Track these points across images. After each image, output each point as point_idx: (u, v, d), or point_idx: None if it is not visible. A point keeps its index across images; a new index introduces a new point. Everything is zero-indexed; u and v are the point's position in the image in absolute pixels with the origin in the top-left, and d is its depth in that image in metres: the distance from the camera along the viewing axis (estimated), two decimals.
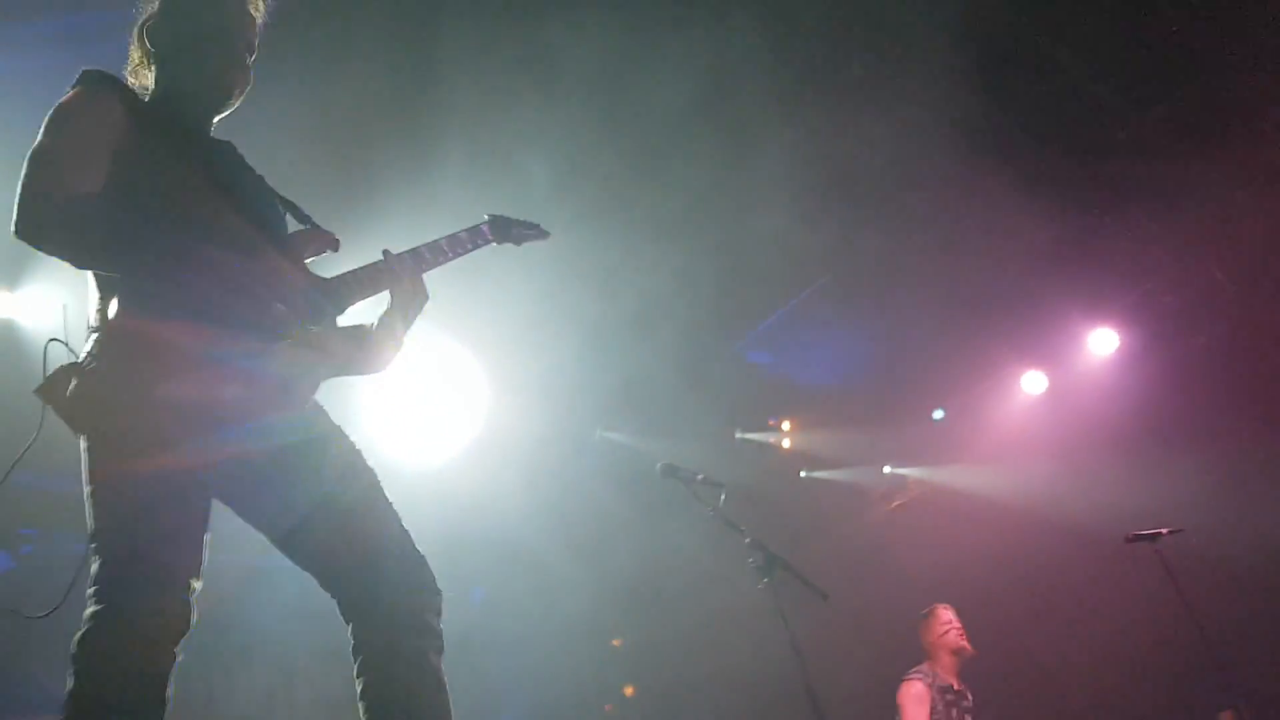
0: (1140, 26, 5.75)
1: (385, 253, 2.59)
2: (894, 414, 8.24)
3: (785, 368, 7.98)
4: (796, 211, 6.27)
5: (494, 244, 2.93)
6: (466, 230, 2.81)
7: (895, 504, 8.60)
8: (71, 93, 2.31)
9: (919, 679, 5.69)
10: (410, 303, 2.54)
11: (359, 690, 2.27)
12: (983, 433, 8.29)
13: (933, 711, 5.55)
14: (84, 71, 2.37)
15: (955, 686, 5.77)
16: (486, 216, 2.90)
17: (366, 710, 2.25)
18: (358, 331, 2.45)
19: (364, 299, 2.54)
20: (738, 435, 8.13)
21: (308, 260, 2.55)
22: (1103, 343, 7.85)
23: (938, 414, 8.41)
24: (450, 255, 2.73)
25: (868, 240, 6.81)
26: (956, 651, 5.81)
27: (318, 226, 2.56)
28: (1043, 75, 6.01)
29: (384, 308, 2.54)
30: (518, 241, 3.03)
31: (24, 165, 2.16)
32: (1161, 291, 7.53)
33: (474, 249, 2.81)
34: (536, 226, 3.05)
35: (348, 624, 2.33)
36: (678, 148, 5.69)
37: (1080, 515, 7.20)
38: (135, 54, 2.56)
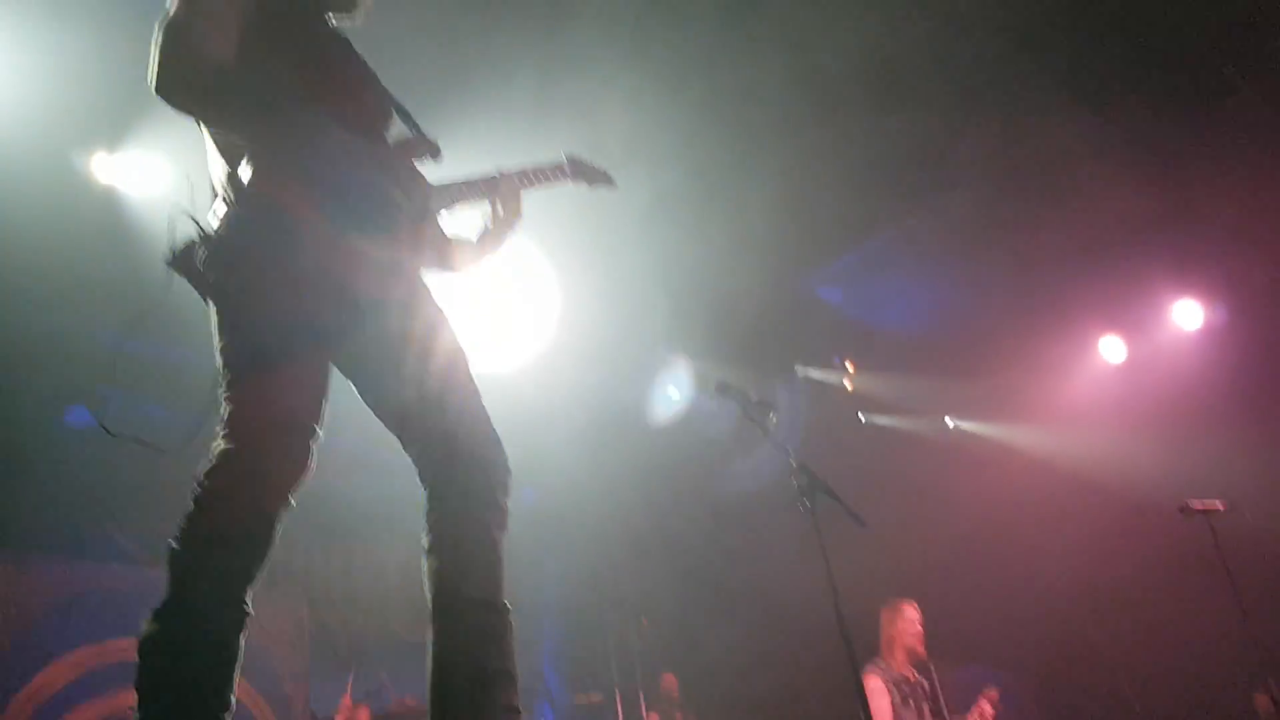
0: None
1: (499, 171, 2.73)
2: (962, 366, 8.14)
3: (857, 308, 7.90)
4: (887, 151, 6.19)
5: (569, 182, 3.07)
6: (549, 164, 2.96)
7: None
8: None
9: (875, 673, 5.71)
10: (512, 218, 2.70)
11: (424, 545, 2.41)
12: (1051, 394, 8.16)
13: (894, 707, 5.61)
14: None
15: (911, 678, 5.82)
16: (565, 155, 3.03)
17: (429, 567, 2.39)
18: (453, 237, 2.62)
19: (462, 204, 2.68)
20: (799, 370, 8.11)
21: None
22: (1187, 314, 7.64)
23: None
24: (535, 184, 2.87)
25: (956, 186, 6.69)
26: (911, 651, 5.86)
27: (423, 134, 2.62)
28: (1153, 35, 5.79)
29: (486, 216, 2.70)
30: (590, 183, 3.16)
31: (158, 31, 2.24)
32: (1254, 266, 7.27)
33: (553, 182, 2.96)
34: (606, 174, 3.19)
35: (424, 487, 2.47)
36: (769, 88, 5.64)
37: (1138, 484, 7.10)
38: None
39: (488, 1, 5.07)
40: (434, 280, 2.67)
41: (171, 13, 2.28)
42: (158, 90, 2.22)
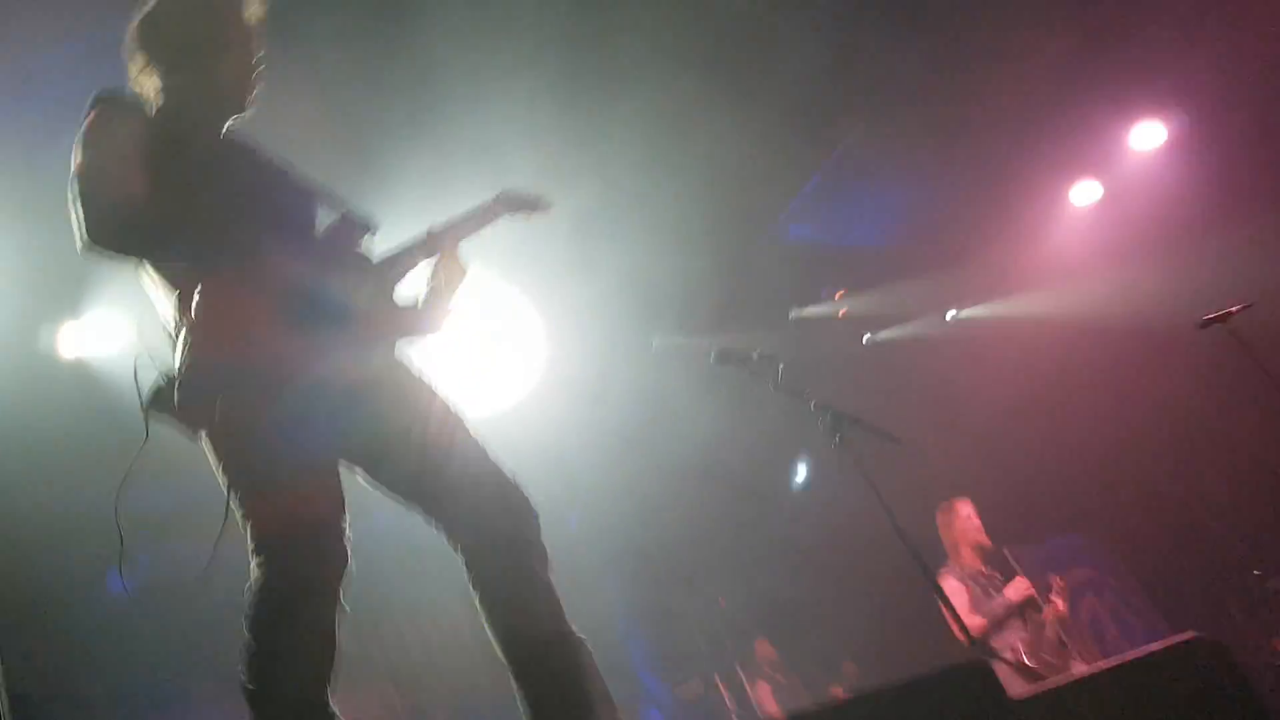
0: None
1: (430, 230, 2.77)
2: (947, 257, 8.10)
3: (829, 236, 7.87)
4: (806, 72, 6.15)
5: (507, 217, 3.11)
6: (481, 206, 3.00)
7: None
8: (92, 115, 2.40)
9: (948, 575, 5.72)
10: (453, 271, 2.71)
11: (476, 601, 2.44)
12: (1040, 254, 8.12)
13: (972, 599, 5.59)
14: (96, 95, 2.45)
15: (984, 572, 5.80)
16: (496, 193, 3.09)
17: (489, 626, 2.42)
18: (414, 302, 2.63)
19: (409, 270, 2.71)
20: (793, 314, 8.09)
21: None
22: (1148, 136, 7.59)
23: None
24: (474, 228, 2.91)
25: (884, 84, 6.64)
26: (976, 547, 5.82)
27: (354, 212, 2.65)
28: None
29: (431, 278, 2.70)
30: (529, 212, 3.21)
31: (72, 186, 2.26)
32: (1200, 68, 7.19)
33: (492, 221, 3.01)
34: (539, 199, 3.24)
35: (455, 550, 2.49)
36: (663, 49, 5.61)
37: (1151, 314, 7.06)
38: (137, 62, 2.61)
39: (355, 75, 5.07)
40: (411, 349, 2.67)
41: (77, 164, 2.30)
42: (88, 240, 2.22)
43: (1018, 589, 5.52)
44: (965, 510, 5.97)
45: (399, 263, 2.69)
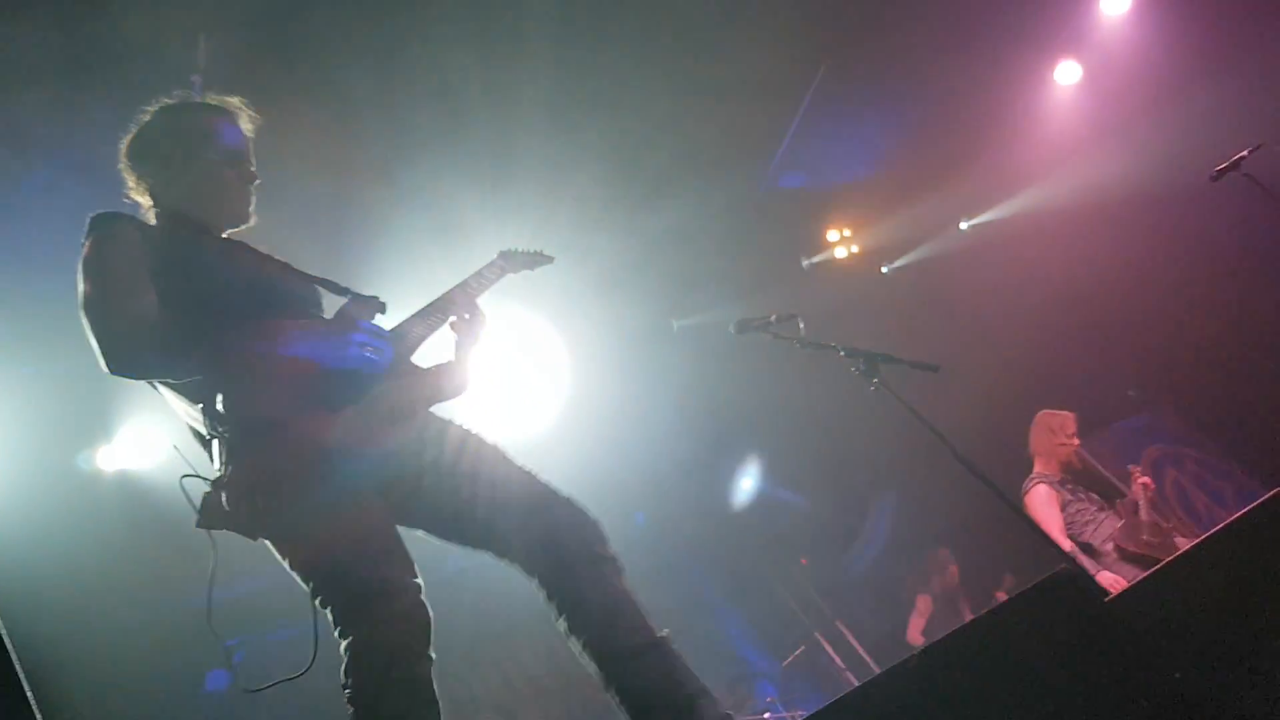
0: None
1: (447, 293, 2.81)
2: (949, 171, 7.96)
3: (823, 178, 7.77)
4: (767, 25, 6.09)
5: (510, 274, 3.18)
6: (486, 267, 3.05)
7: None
8: (89, 241, 2.42)
9: (1037, 482, 5.45)
10: (476, 326, 2.74)
11: (563, 631, 2.43)
12: (1039, 144, 7.96)
13: (1064, 506, 5.34)
14: (92, 218, 2.47)
15: (1070, 482, 5.53)
16: (498, 253, 3.16)
17: (577, 646, 2.41)
18: (438, 366, 2.63)
19: (428, 336, 2.73)
20: (804, 263, 8.02)
21: None
22: (1113, 2, 7.41)
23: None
24: (483, 287, 2.95)
25: (845, 15, 6.55)
26: (1066, 464, 5.52)
27: (359, 294, 2.67)
28: None
29: (454, 338, 2.73)
30: (532, 267, 3.29)
31: (83, 317, 2.29)
32: None
33: (497, 280, 3.06)
34: (541, 252, 3.32)
35: (532, 579, 2.49)
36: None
37: (1162, 178, 6.90)
38: (130, 179, 2.66)
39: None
40: (445, 409, 2.66)
41: (83, 293, 2.33)
42: (110, 367, 2.26)
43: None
44: (1070, 427, 5.63)
45: (414, 329, 2.70)
